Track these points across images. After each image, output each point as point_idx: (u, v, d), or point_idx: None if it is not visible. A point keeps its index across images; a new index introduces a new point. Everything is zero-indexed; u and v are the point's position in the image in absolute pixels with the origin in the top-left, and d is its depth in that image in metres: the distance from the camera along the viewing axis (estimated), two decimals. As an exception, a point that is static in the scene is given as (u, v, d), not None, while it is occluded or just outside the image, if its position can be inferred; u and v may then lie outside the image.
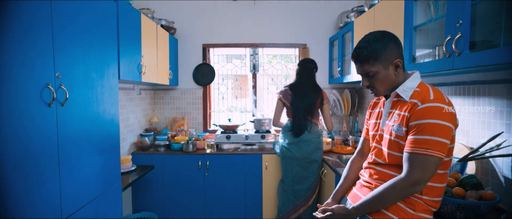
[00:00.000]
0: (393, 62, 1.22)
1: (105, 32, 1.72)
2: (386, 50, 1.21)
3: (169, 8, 3.55)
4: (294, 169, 2.64)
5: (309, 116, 2.61)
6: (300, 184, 2.63)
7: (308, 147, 2.60)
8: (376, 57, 1.21)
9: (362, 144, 1.52)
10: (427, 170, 1.09)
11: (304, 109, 2.59)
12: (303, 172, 2.62)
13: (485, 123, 1.64)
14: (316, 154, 2.61)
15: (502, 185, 1.53)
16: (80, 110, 1.49)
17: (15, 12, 1.10)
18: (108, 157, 1.76)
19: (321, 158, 2.67)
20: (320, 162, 2.67)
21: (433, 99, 1.12)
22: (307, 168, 2.62)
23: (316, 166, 2.63)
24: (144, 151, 3.05)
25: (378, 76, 1.23)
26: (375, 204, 1.18)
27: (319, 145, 2.64)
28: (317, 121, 2.69)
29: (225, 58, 3.91)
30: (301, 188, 2.62)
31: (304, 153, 2.59)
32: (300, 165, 2.62)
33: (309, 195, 2.63)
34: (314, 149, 2.60)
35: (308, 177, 2.62)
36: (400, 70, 1.23)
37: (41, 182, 1.23)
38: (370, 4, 2.52)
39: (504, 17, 1.31)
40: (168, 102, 3.67)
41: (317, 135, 2.65)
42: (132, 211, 3.04)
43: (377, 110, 1.40)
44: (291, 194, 2.66)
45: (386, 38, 1.22)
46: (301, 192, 2.63)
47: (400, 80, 1.25)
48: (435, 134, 1.08)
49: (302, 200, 2.63)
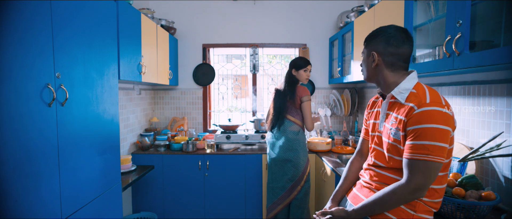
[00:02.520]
0: (370, 53, 1.27)
1: (105, 32, 1.72)
2: (373, 40, 1.27)
3: (169, 8, 3.55)
4: (271, 168, 2.69)
5: (284, 112, 2.60)
6: (276, 182, 2.66)
7: (279, 146, 2.61)
8: (366, 43, 1.31)
9: (361, 145, 1.51)
10: (428, 176, 1.08)
11: (276, 105, 2.63)
12: (278, 171, 2.64)
13: (485, 123, 1.64)
14: (289, 153, 2.57)
15: (502, 185, 1.53)
16: (80, 110, 1.49)
17: (15, 12, 1.10)
18: (108, 157, 1.76)
19: (296, 158, 2.58)
20: (295, 162, 2.58)
21: (430, 102, 1.11)
22: (281, 167, 2.63)
23: (290, 166, 2.58)
24: (144, 151, 3.05)
25: (363, 59, 1.34)
26: (376, 208, 1.18)
27: (293, 146, 2.57)
28: (293, 118, 2.62)
29: (225, 58, 3.92)
30: (277, 186, 2.66)
31: (276, 152, 2.62)
32: (276, 163, 2.65)
33: (284, 194, 2.64)
34: (287, 149, 2.58)
35: (282, 176, 2.63)
36: (378, 64, 1.25)
37: (41, 182, 1.23)
38: (370, 4, 2.52)
39: (504, 17, 1.30)
40: (168, 102, 3.67)
41: (292, 133, 2.59)
42: (132, 211, 3.04)
43: (375, 109, 1.39)
44: (270, 191, 2.70)
45: (380, 31, 1.25)
46: (277, 190, 2.65)
47: (389, 80, 1.24)
48: (434, 139, 1.07)
49: (279, 198, 2.65)
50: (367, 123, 1.45)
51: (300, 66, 2.60)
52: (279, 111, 2.62)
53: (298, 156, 2.59)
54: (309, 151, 3.03)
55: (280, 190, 2.63)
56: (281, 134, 2.62)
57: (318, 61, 3.62)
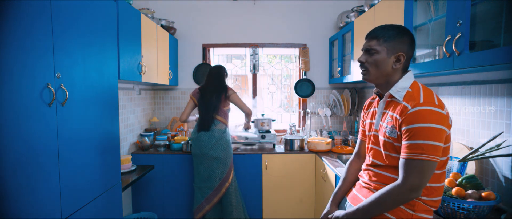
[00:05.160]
0: (397, 53, 1.21)
1: (105, 32, 1.72)
2: (398, 39, 1.21)
3: (169, 8, 3.55)
4: (197, 168, 2.72)
5: (214, 113, 2.70)
6: (204, 182, 2.69)
7: (206, 144, 2.65)
8: (386, 39, 1.21)
9: (359, 146, 1.51)
10: (423, 175, 1.09)
11: (207, 105, 2.70)
12: (205, 170, 2.67)
13: (485, 123, 1.64)
14: (216, 151, 2.65)
15: (502, 185, 1.53)
16: (80, 110, 1.49)
17: (16, 12, 1.10)
18: (108, 157, 1.76)
19: (224, 155, 2.68)
20: (223, 159, 2.67)
21: (423, 102, 1.11)
22: (208, 166, 2.67)
23: (218, 164, 2.66)
24: (144, 151, 3.05)
25: (376, 57, 1.22)
26: (373, 210, 1.18)
27: (219, 142, 2.67)
28: (222, 118, 2.74)
29: (225, 58, 3.91)
30: (205, 186, 2.69)
31: (203, 150, 2.66)
32: (202, 163, 2.68)
33: (212, 193, 2.67)
34: (213, 146, 2.65)
35: (211, 174, 2.67)
36: (399, 66, 1.22)
37: (41, 182, 1.23)
38: (370, 4, 2.52)
39: (504, 17, 1.31)
40: (168, 102, 3.67)
41: (219, 132, 2.69)
42: (132, 211, 3.04)
43: (371, 110, 1.39)
44: (198, 191, 2.72)
45: (405, 32, 1.23)
46: (205, 190, 2.69)
47: (395, 79, 1.24)
48: (427, 138, 1.07)
49: (206, 198, 2.68)
50: (363, 123, 1.45)
51: (224, 73, 2.84)
52: (213, 108, 2.74)
53: (225, 154, 2.72)
54: (309, 151, 3.04)
55: (208, 190, 2.69)
56: (209, 130, 2.72)
57: (318, 61, 3.62)
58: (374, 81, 1.29)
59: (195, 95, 2.82)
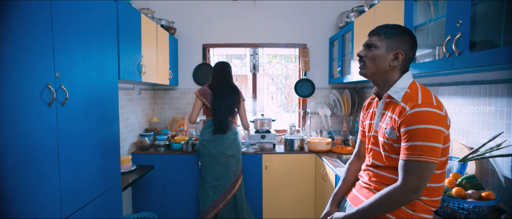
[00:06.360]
0: (396, 50, 1.21)
1: (105, 32, 1.72)
2: (399, 37, 1.21)
3: (169, 8, 3.55)
4: (212, 167, 2.72)
5: (229, 116, 2.75)
6: (219, 180, 2.71)
7: (224, 143, 2.70)
8: (387, 36, 1.22)
9: (358, 147, 1.51)
10: (423, 176, 1.09)
11: (224, 109, 2.71)
12: (220, 168, 2.70)
13: (485, 123, 1.64)
14: (232, 149, 2.71)
15: (502, 185, 1.53)
16: (80, 110, 1.49)
17: (16, 12, 1.10)
18: (108, 157, 1.76)
19: (238, 153, 2.76)
20: (238, 156, 2.75)
21: (421, 103, 1.11)
22: (224, 164, 2.70)
23: (233, 161, 2.72)
24: (144, 151, 3.05)
25: (375, 52, 1.23)
26: (373, 212, 1.18)
27: (235, 142, 2.74)
28: (235, 120, 2.82)
29: (225, 58, 3.91)
30: (219, 184, 2.70)
31: (219, 149, 2.68)
32: (217, 162, 2.70)
33: (228, 190, 2.70)
34: (229, 145, 2.71)
35: (226, 172, 2.70)
36: (397, 64, 1.22)
37: (41, 182, 1.23)
38: (370, 4, 2.52)
39: (504, 17, 1.31)
40: (168, 102, 3.67)
41: (233, 132, 2.76)
42: (132, 211, 3.04)
43: (370, 110, 1.39)
44: (211, 190, 2.72)
45: (407, 32, 1.24)
46: (220, 188, 2.70)
47: (394, 79, 1.24)
48: (426, 139, 1.08)
49: (220, 196, 2.70)
50: (363, 124, 1.45)
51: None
52: (229, 110, 2.79)
53: (239, 151, 2.80)
54: (309, 151, 3.04)
55: (224, 187, 2.72)
56: (226, 132, 2.76)
57: (318, 61, 3.62)
58: (371, 77, 1.29)
59: (206, 96, 2.76)
